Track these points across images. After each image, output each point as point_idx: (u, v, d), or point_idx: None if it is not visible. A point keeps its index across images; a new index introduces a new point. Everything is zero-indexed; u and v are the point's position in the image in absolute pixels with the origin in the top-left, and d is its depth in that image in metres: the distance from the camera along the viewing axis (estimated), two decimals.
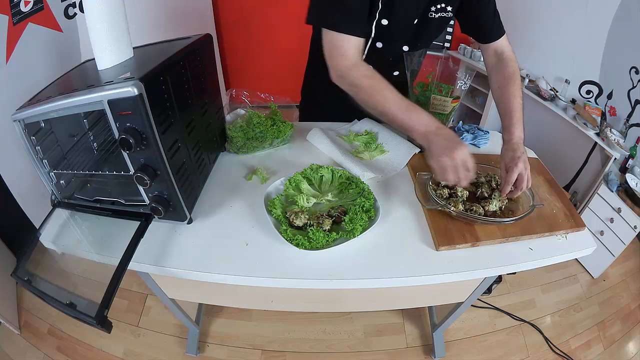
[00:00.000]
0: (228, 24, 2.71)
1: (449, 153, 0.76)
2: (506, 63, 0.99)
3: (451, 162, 0.76)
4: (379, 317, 1.62)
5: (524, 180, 0.84)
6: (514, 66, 0.99)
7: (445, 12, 0.98)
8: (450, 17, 1.01)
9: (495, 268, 0.76)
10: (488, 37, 1.01)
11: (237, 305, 1.29)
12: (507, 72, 0.98)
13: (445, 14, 0.99)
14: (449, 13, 0.99)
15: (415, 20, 0.98)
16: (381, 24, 0.95)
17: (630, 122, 1.84)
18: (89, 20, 0.66)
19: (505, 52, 1.01)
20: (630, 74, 1.79)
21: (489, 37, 1.01)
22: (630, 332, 1.64)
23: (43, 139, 0.73)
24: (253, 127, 1.01)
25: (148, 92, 0.60)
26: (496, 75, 1.00)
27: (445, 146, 0.77)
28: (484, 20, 1.00)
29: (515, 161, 0.83)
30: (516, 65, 1.00)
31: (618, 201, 1.73)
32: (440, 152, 0.77)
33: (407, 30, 1.00)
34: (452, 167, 0.76)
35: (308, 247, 0.73)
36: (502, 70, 0.99)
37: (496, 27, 1.00)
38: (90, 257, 0.75)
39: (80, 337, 1.50)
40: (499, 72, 1.00)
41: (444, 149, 0.76)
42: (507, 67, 0.99)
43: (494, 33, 1.01)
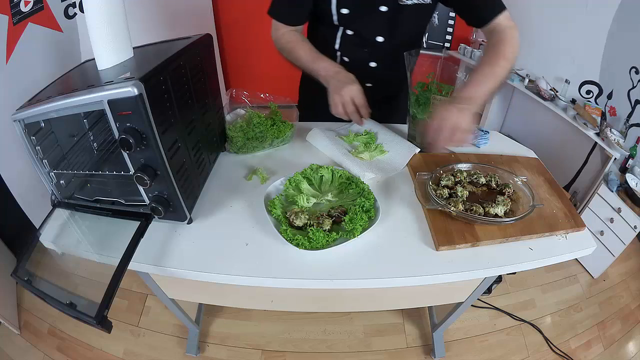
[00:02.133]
0: (228, 24, 2.71)
1: (339, 91, 0.92)
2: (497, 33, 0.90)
3: (340, 98, 0.92)
4: (379, 317, 1.62)
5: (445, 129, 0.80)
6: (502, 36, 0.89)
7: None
8: (430, 5, 0.96)
9: (495, 268, 0.76)
10: (482, 19, 0.92)
11: (237, 305, 1.29)
12: (493, 40, 0.90)
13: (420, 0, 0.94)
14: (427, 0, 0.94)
15: (382, 7, 0.95)
16: (341, 13, 0.97)
17: (630, 122, 1.83)
18: (89, 20, 0.66)
19: (498, 26, 0.91)
20: (630, 74, 1.79)
21: (483, 18, 0.92)
22: (630, 332, 1.64)
23: (43, 139, 0.73)
24: (253, 127, 1.01)
25: (148, 92, 0.60)
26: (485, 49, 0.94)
27: (337, 86, 0.92)
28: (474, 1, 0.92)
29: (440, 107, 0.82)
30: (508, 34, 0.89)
31: (618, 201, 1.73)
32: (332, 90, 0.93)
33: (377, 20, 0.97)
34: (340, 103, 0.92)
35: (308, 247, 0.73)
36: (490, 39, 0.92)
37: (489, 5, 0.91)
38: (90, 257, 0.75)
39: (80, 337, 1.50)
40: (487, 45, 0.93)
41: (336, 88, 0.92)
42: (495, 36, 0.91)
43: (486, 13, 0.91)
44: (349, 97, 0.92)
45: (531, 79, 2.26)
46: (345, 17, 0.97)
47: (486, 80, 0.86)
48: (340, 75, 0.94)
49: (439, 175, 0.92)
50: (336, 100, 0.92)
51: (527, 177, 0.93)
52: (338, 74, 0.94)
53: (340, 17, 0.98)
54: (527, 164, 1.04)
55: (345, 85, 0.91)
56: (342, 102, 0.92)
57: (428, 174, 0.91)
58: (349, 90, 0.91)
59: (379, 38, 1.02)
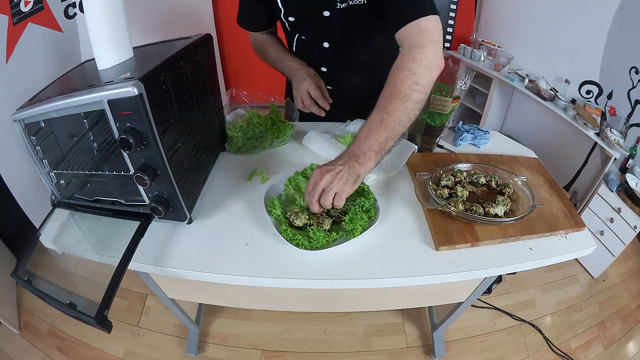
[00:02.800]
0: (228, 24, 2.71)
1: (297, 86, 1.04)
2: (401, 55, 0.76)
3: (297, 93, 1.03)
4: (379, 317, 1.62)
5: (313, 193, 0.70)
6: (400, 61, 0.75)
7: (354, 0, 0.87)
8: (366, 5, 0.87)
9: (495, 268, 0.76)
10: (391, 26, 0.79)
11: (237, 305, 1.29)
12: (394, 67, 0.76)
13: (354, 1, 0.87)
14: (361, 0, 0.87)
15: (325, 12, 0.93)
16: (289, 21, 1.01)
17: (630, 122, 1.84)
18: (89, 20, 0.66)
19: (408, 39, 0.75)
20: (630, 74, 1.79)
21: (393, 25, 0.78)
22: (630, 332, 1.64)
23: (43, 139, 0.73)
24: (253, 127, 1.01)
25: (148, 92, 0.60)
26: None
27: (295, 82, 1.04)
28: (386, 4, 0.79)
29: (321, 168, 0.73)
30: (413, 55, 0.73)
31: (618, 201, 1.73)
32: (293, 88, 1.05)
33: (321, 25, 0.97)
34: (299, 97, 1.03)
35: (308, 247, 0.73)
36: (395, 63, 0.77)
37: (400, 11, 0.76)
38: (90, 257, 0.75)
39: (80, 337, 1.50)
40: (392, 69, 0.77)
41: (295, 85, 1.04)
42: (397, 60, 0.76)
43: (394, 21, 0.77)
44: (305, 91, 1.01)
45: (531, 79, 2.26)
46: (293, 24, 1.02)
47: (375, 131, 0.72)
48: (299, 72, 1.04)
49: (439, 175, 0.92)
50: (295, 95, 1.04)
51: (527, 177, 0.93)
52: (298, 70, 1.04)
53: (290, 24, 1.03)
54: (527, 164, 1.04)
55: (301, 80, 1.02)
56: (300, 97, 1.02)
57: (428, 174, 0.91)
58: (304, 85, 1.01)
59: (325, 44, 1.04)
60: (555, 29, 2.17)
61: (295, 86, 1.05)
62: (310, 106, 1.04)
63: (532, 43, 2.31)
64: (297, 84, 1.03)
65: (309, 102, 1.03)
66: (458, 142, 1.12)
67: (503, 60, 2.41)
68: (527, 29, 2.33)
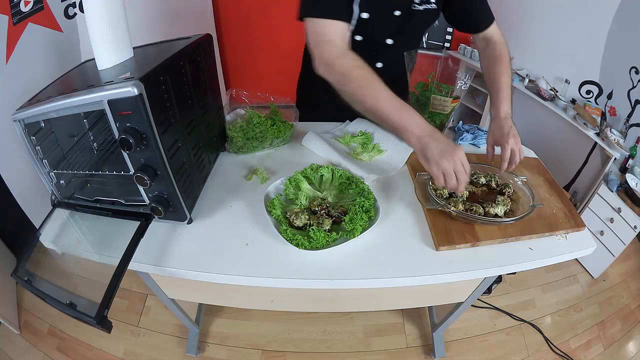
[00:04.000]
0: (228, 24, 2.71)
1: (449, 156, 0.73)
2: (494, 46, 1.02)
3: (452, 165, 0.73)
4: (379, 317, 1.62)
5: (517, 154, 0.89)
6: (501, 48, 1.02)
7: (429, 4, 0.97)
8: (436, 10, 0.99)
9: (495, 268, 0.76)
10: (478, 27, 1.03)
11: (237, 305, 1.29)
12: (495, 53, 1.01)
13: (429, 5, 0.97)
14: (433, 5, 0.97)
15: (397, 12, 0.96)
16: (361, 17, 0.93)
17: (630, 122, 1.84)
18: (89, 20, 0.66)
19: (494, 36, 1.03)
20: (630, 74, 1.79)
21: (479, 26, 1.02)
22: (630, 332, 1.64)
23: (43, 139, 0.72)
24: (253, 127, 1.01)
25: (148, 92, 0.60)
26: (485, 57, 1.04)
27: (443, 149, 0.74)
28: (473, 11, 1.00)
29: (506, 137, 0.89)
30: (504, 47, 1.03)
31: (618, 201, 1.73)
32: (439, 156, 0.73)
33: (390, 24, 0.99)
34: (452, 171, 0.74)
35: (308, 247, 0.73)
36: (491, 52, 1.02)
37: (484, 15, 1.01)
38: (90, 257, 0.75)
39: (80, 337, 1.50)
40: (488, 54, 1.03)
41: (443, 152, 0.73)
42: (495, 49, 1.02)
43: (482, 22, 1.02)
44: (460, 162, 0.74)
45: (531, 79, 2.26)
46: (364, 21, 0.94)
47: (509, 92, 0.96)
48: (437, 135, 0.76)
49: None
50: (447, 167, 0.73)
51: (527, 177, 0.93)
52: (435, 133, 0.77)
53: (359, 22, 0.95)
54: (527, 164, 1.04)
55: (454, 149, 0.74)
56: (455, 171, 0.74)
57: (428, 174, 0.90)
58: (460, 155, 0.74)
59: (389, 40, 1.03)
60: (555, 29, 2.17)
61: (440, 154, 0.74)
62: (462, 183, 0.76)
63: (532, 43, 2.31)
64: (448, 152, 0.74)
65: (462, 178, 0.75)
66: (458, 142, 1.12)
67: None
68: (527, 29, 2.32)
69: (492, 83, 0.98)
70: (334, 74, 0.83)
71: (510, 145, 0.88)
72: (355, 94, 0.81)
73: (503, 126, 0.90)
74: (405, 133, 0.78)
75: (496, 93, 0.96)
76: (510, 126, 0.90)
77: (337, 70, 0.82)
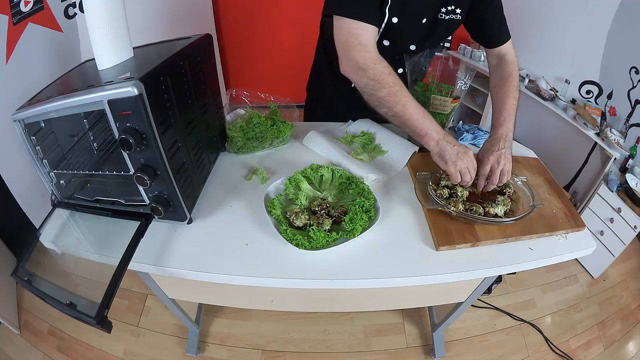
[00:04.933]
0: (228, 24, 2.71)
1: (464, 157, 0.83)
2: (506, 65, 1.02)
3: (467, 164, 0.83)
4: (379, 317, 1.62)
5: (496, 173, 0.86)
6: (512, 68, 1.02)
7: (455, 15, 0.99)
8: (459, 21, 1.02)
9: (495, 268, 0.76)
10: (494, 43, 1.04)
11: (237, 305, 1.29)
12: (504, 73, 1.01)
13: (454, 16, 0.99)
14: (458, 16, 0.99)
15: (424, 20, 0.98)
16: (391, 22, 0.94)
17: (630, 122, 1.84)
18: (89, 20, 0.66)
19: (507, 55, 1.04)
20: (630, 74, 1.79)
21: (495, 42, 1.04)
22: (630, 332, 1.64)
23: (43, 139, 0.73)
24: (253, 127, 1.01)
25: (148, 92, 0.60)
26: (495, 75, 1.04)
27: (458, 150, 0.83)
28: (491, 26, 1.01)
29: (488, 154, 0.87)
30: (516, 67, 1.03)
31: (618, 201, 1.73)
32: (456, 157, 0.82)
33: (416, 31, 1.01)
34: (467, 170, 0.83)
35: (308, 247, 0.73)
36: (501, 71, 1.02)
37: (502, 32, 1.02)
38: (90, 257, 0.75)
39: (80, 337, 1.50)
40: (498, 72, 1.03)
41: (459, 154, 0.83)
42: (506, 68, 1.02)
43: (499, 38, 1.03)
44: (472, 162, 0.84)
45: (531, 79, 2.26)
46: (393, 25, 0.95)
47: (511, 115, 0.94)
48: (451, 139, 0.85)
49: (439, 175, 0.92)
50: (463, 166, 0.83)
51: (527, 177, 0.93)
52: (448, 137, 0.85)
53: (387, 26, 0.95)
54: (527, 164, 1.04)
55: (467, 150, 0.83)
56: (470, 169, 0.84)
57: (428, 174, 0.91)
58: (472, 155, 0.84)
59: (412, 47, 1.05)
60: (555, 29, 2.17)
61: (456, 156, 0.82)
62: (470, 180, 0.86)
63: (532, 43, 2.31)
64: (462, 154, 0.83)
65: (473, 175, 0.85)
66: None
67: None
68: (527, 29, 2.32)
69: (497, 103, 0.97)
70: (366, 78, 0.84)
71: (490, 162, 0.86)
72: (385, 99, 0.84)
73: (493, 144, 0.89)
74: (425, 137, 0.84)
75: (499, 114, 0.95)
76: (500, 147, 0.87)
77: (371, 76, 0.83)
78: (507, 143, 0.89)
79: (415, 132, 0.85)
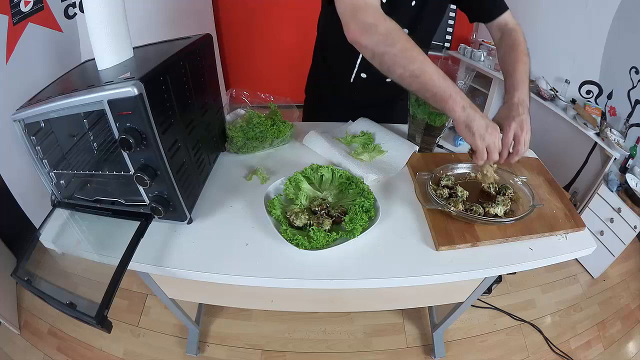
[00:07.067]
0: (228, 24, 2.71)
1: (493, 132, 0.75)
2: (509, 33, 0.99)
3: (495, 140, 0.75)
4: (379, 317, 1.62)
5: (520, 142, 0.78)
6: (516, 35, 0.98)
7: None
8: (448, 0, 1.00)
9: (495, 268, 0.76)
10: (492, 14, 1.00)
11: (237, 305, 1.29)
12: (509, 41, 0.97)
13: None
14: None
15: (413, 2, 0.96)
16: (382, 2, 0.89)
17: (630, 122, 1.83)
18: (89, 21, 0.66)
19: (508, 24, 1.00)
20: (630, 74, 1.79)
21: (493, 13, 0.99)
22: (630, 332, 1.64)
23: (43, 139, 0.72)
24: (253, 127, 1.01)
25: (148, 92, 0.60)
26: (501, 46, 1.00)
27: (488, 124, 0.74)
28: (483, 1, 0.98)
29: (509, 121, 0.78)
30: (520, 34, 0.99)
31: (618, 201, 1.73)
32: (484, 130, 0.74)
33: (407, 12, 0.98)
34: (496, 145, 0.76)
35: (308, 247, 0.73)
36: (506, 40, 0.99)
37: (498, 2, 0.99)
38: (90, 257, 0.75)
39: (80, 337, 1.50)
40: (503, 42, 0.99)
41: (488, 127, 0.74)
42: (510, 36, 0.98)
43: (496, 9, 0.99)
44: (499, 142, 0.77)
45: (531, 79, 2.26)
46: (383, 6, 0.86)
47: (525, 79, 0.88)
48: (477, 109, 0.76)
49: (439, 175, 0.92)
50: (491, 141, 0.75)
51: (527, 177, 0.93)
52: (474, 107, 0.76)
53: None
54: (527, 164, 1.04)
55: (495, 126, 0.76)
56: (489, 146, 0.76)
57: (428, 174, 0.91)
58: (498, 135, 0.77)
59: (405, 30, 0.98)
60: (555, 29, 2.17)
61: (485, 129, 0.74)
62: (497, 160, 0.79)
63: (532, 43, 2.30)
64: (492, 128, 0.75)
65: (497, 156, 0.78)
66: (458, 142, 1.12)
67: None
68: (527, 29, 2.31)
69: (507, 70, 0.90)
70: (377, 35, 0.75)
71: (513, 130, 0.77)
72: (400, 57, 0.74)
73: (512, 110, 0.80)
74: (449, 101, 0.73)
75: (511, 79, 0.87)
76: (519, 113, 0.79)
77: (382, 31, 0.75)
78: (526, 109, 0.82)
79: (437, 96, 0.74)
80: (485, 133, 0.74)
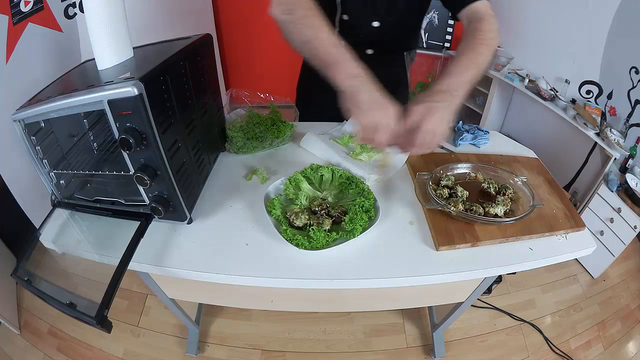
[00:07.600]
0: (228, 24, 2.71)
1: (383, 108, 0.65)
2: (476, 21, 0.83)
3: (386, 119, 0.65)
4: (379, 317, 1.62)
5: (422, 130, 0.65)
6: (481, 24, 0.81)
7: None
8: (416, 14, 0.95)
9: (495, 268, 0.76)
10: (457, 3, 0.86)
11: (237, 305, 1.29)
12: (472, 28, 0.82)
13: None
14: None
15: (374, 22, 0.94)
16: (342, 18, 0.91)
17: (630, 122, 1.83)
18: (89, 21, 0.66)
19: (478, 12, 0.85)
20: (630, 74, 1.79)
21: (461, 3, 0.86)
22: (630, 332, 1.64)
23: (43, 139, 0.73)
24: (253, 127, 1.01)
25: (148, 92, 0.60)
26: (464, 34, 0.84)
27: (377, 99, 0.65)
28: None
29: (417, 104, 0.67)
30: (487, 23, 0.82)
31: (618, 201, 1.73)
32: (372, 106, 0.65)
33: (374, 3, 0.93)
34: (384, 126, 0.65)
35: (308, 247, 0.73)
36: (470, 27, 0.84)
37: None
38: (90, 257, 0.75)
39: (80, 337, 1.50)
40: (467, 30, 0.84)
41: (377, 103, 0.65)
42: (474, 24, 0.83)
43: None
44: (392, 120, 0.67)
45: (531, 79, 2.26)
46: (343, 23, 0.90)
47: (466, 69, 0.73)
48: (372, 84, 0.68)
49: (439, 175, 0.92)
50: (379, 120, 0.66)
51: (527, 177, 0.93)
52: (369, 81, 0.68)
53: None
54: (527, 164, 1.04)
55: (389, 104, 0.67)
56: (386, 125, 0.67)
57: (428, 174, 0.91)
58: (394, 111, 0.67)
59: (375, 23, 0.94)
60: (555, 29, 2.17)
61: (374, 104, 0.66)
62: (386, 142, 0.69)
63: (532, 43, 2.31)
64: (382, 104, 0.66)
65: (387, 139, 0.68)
66: (458, 142, 1.12)
67: (503, 60, 2.40)
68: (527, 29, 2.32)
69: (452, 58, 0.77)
70: (282, 4, 0.76)
71: (416, 114, 0.66)
72: (297, 22, 0.73)
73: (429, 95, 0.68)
74: (333, 67, 0.67)
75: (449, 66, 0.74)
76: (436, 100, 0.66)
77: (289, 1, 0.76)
78: (449, 99, 0.68)
79: (324, 62, 0.68)
80: (371, 108, 0.64)
